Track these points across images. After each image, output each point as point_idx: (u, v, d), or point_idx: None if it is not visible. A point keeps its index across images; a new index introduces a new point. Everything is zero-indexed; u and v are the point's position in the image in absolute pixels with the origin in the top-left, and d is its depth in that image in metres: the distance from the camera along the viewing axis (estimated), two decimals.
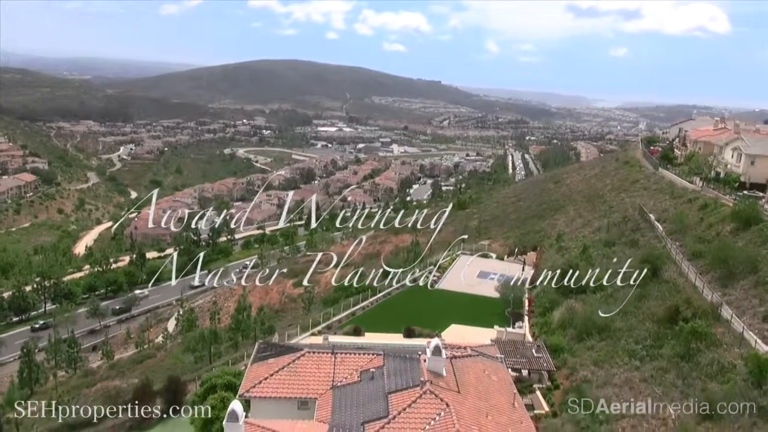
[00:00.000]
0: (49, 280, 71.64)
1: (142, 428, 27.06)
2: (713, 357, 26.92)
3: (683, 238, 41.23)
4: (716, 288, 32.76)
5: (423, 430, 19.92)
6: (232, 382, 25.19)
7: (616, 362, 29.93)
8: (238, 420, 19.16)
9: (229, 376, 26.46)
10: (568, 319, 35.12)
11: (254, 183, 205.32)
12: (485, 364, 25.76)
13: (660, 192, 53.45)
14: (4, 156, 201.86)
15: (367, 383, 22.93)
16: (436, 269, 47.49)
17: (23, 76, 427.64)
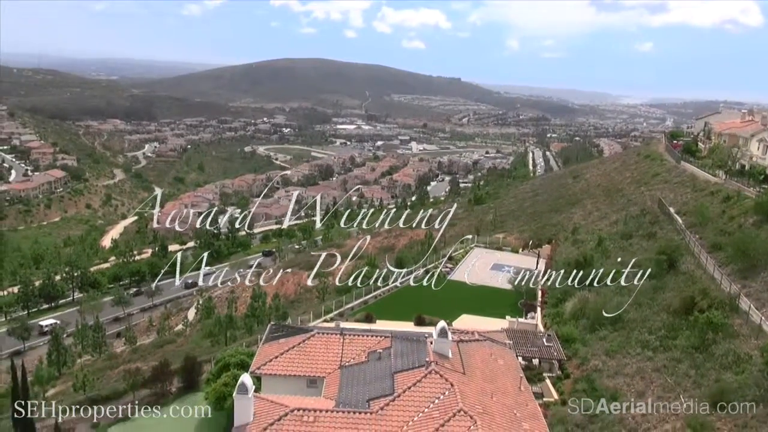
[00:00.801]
0: (77, 270, 74.49)
1: (160, 404, 28.12)
2: (729, 347, 26.41)
3: (703, 230, 40.28)
4: (736, 280, 32.00)
5: (427, 408, 20.23)
6: (245, 360, 25.95)
7: (629, 352, 29.62)
8: (247, 392, 19.85)
9: (242, 355, 27.28)
10: (581, 310, 34.82)
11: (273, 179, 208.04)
12: (492, 348, 25.90)
13: (681, 185, 52.25)
14: (36, 153, 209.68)
15: (374, 363, 23.37)
16: (448, 261, 47.52)
17: (54, 77, 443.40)
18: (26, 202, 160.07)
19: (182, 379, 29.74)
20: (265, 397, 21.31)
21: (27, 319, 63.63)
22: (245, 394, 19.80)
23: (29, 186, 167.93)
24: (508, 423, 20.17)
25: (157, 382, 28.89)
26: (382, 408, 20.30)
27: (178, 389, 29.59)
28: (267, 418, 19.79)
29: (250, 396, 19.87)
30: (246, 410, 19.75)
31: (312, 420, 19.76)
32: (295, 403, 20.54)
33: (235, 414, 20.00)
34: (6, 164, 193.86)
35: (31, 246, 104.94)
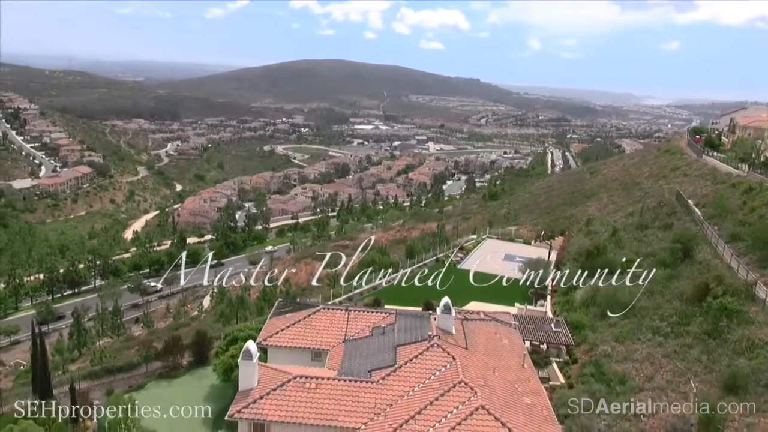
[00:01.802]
0: (99, 259, 76.86)
1: (171, 376, 28.89)
2: (743, 334, 25.72)
3: (722, 222, 39.20)
4: (754, 269, 31.10)
5: (428, 379, 20.36)
6: (254, 335, 26.44)
7: (639, 338, 29.11)
8: (252, 358, 20.31)
9: (250, 330, 27.85)
10: (591, 298, 34.33)
11: (290, 177, 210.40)
12: (497, 327, 25.85)
13: (701, 178, 50.93)
14: (65, 150, 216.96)
15: (377, 337, 23.60)
16: (460, 251, 47.43)
17: (83, 78, 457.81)
18: (54, 197, 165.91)
19: (193, 354, 30.52)
20: (269, 366, 21.77)
21: (51, 303, 65.95)
22: (250, 359, 20.26)
23: (57, 181, 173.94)
24: (508, 396, 20.14)
25: (169, 355, 29.73)
26: (383, 378, 20.53)
27: (189, 363, 30.38)
28: (271, 383, 20.22)
29: (254, 362, 20.32)
30: (250, 375, 20.21)
31: (314, 387, 20.11)
32: (298, 372, 20.93)
33: (239, 379, 20.49)
34: (36, 160, 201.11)
35: (58, 237, 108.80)
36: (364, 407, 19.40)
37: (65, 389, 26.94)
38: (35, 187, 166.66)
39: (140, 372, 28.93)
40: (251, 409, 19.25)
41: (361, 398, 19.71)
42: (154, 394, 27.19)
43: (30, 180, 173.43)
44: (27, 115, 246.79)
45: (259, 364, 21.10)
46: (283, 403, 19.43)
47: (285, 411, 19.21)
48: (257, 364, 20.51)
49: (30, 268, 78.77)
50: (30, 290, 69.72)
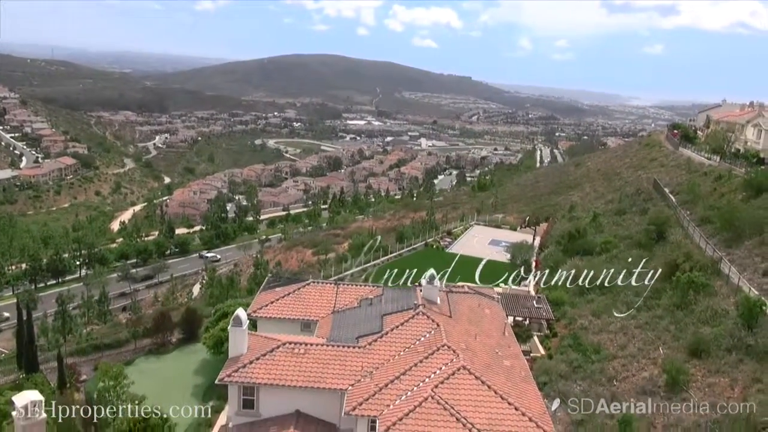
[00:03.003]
0: (85, 247, 76.22)
1: (161, 352, 29.48)
2: (708, 304, 27.32)
3: (694, 207, 41.03)
4: (721, 249, 32.77)
5: (413, 344, 21.37)
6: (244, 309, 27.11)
7: (614, 312, 30.51)
8: (242, 325, 21.09)
9: (240, 305, 28.47)
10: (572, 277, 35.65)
11: (282, 170, 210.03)
12: (480, 300, 26.98)
13: (677, 168, 52.85)
14: (47, 141, 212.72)
15: (365, 308, 24.55)
16: (448, 236, 48.56)
17: (67, 68, 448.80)
18: (36, 188, 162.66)
19: (182, 331, 31.12)
20: (259, 334, 22.61)
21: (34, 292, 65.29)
22: (240, 326, 21.04)
23: (39, 172, 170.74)
24: (489, 359, 21.25)
25: (158, 333, 30.28)
26: (369, 343, 21.49)
27: (179, 340, 31.01)
28: (260, 350, 21.04)
29: (244, 328, 21.11)
30: (240, 342, 20.99)
31: (303, 352, 20.99)
32: (287, 339, 21.77)
33: (229, 346, 21.26)
34: (17, 151, 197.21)
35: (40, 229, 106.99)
36: (351, 370, 20.33)
37: (52, 366, 27.40)
38: (15, 178, 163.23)
39: (129, 349, 29.41)
40: (241, 373, 20.04)
41: (348, 362, 20.64)
42: (143, 369, 27.73)
43: (10, 171, 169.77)
44: (7, 104, 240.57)
45: (250, 333, 21.91)
46: (273, 367, 20.27)
47: (274, 374, 20.04)
48: (247, 331, 21.30)
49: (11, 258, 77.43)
50: (11, 279, 68.74)
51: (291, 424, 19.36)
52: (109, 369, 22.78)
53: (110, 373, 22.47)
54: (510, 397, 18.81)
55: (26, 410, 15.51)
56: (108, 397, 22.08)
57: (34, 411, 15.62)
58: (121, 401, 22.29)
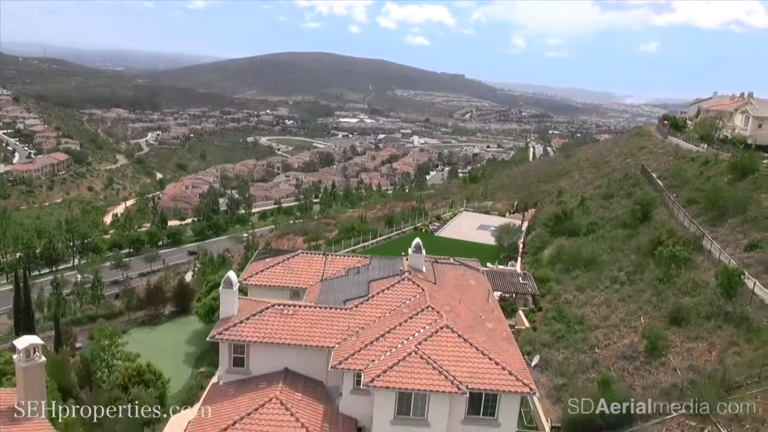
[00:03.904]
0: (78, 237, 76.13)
1: (154, 324, 29.87)
2: (689, 277, 28.03)
3: (681, 190, 41.85)
4: (706, 227, 33.56)
5: (398, 306, 21.90)
6: None
7: (598, 287, 31.30)
8: (232, 286, 21.51)
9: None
10: (557, 256, 36.44)
11: (274, 165, 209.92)
12: (466, 271, 27.55)
13: (665, 155, 53.75)
14: (40, 137, 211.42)
15: (352, 276, 25.05)
16: (437, 220, 49.14)
17: (59, 66, 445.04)
18: (29, 183, 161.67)
19: (175, 304, 31.51)
20: (249, 298, 23.04)
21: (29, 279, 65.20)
22: (230, 288, 21.46)
23: (32, 168, 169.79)
24: (472, 321, 21.81)
25: (151, 305, 30.65)
26: (356, 306, 22.00)
27: (171, 313, 31.41)
28: (250, 311, 21.47)
29: (234, 290, 21.53)
30: (231, 303, 21.41)
31: (291, 313, 21.46)
32: (276, 301, 22.23)
33: (220, 307, 21.68)
34: (9, 147, 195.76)
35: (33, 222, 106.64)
36: (338, 330, 20.83)
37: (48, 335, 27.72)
38: (8, 173, 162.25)
39: (122, 320, 29.84)
40: (231, 332, 20.48)
41: (336, 322, 21.15)
42: (137, 338, 28.13)
43: (3, 166, 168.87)
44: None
45: (240, 297, 22.34)
46: (262, 326, 20.72)
47: (263, 333, 20.50)
48: (237, 293, 21.75)
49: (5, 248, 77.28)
50: (6, 266, 68.69)
51: (279, 380, 19.82)
52: (104, 329, 23.12)
53: (105, 332, 22.82)
54: (491, 354, 19.40)
55: (27, 353, 15.92)
56: (103, 356, 22.46)
57: (34, 354, 16.04)
58: (115, 359, 22.69)
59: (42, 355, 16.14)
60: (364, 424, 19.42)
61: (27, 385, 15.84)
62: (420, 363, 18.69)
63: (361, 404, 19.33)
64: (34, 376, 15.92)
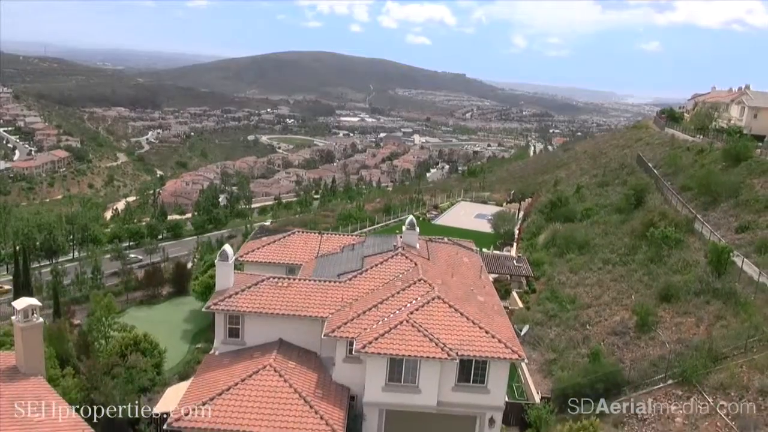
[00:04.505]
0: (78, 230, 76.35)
1: (152, 303, 30.28)
2: (680, 257, 28.36)
3: (675, 177, 42.16)
4: (699, 211, 33.86)
5: (391, 279, 22.28)
6: None
7: (591, 268, 31.63)
8: (227, 259, 21.90)
9: None
10: (552, 240, 36.78)
11: (274, 162, 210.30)
12: (460, 250, 27.94)
13: (661, 145, 54.06)
14: (40, 134, 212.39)
15: (347, 252, 25.44)
16: (434, 209, 49.48)
17: (60, 65, 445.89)
18: (29, 180, 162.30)
19: (173, 285, 31.92)
20: (245, 273, 23.43)
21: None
22: (226, 261, 21.85)
23: (32, 164, 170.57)
24: (464, 294, 22.19)
25: (150, 286, 31.05)
26: (350, 279, 22.40)
27: (169, 293, 31.81)
28: (246, 283, 21.86)
29: (230, 262, 21.92)
30: (226, 275, 21.79)
31: (286, 285, 21.86)
32: (272, 275, 22.60)
33: (216, 280, 22.07)
34: (10, 144, 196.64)
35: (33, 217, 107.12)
36: (332, 301, 21.22)
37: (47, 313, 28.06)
38: (8, 169, 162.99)
39: (120, 300, 30.18)
40: (227, 302, 20.87)
41: (329, 294, 21.54)
42: (135, 317, 28.49)
43: (3, 163, 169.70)
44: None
45: (236, 272, 22.73)
46: (257, 297, 21.11)
47: (258, 303, 20.89)
48: (233, 266, 22.13)
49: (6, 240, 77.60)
50: (6, 257, 68.96)
51: (274, 350, 20.20)
52: (101, 299, 23.48)
53: (102, 303, 23.21)
54: (481, 323, 19.77)
55: (25, 313, 16.30)
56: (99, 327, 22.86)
57: (32, 315, 16.42)
58: (112, 330, 23.07)
59: (40, 317, 16.51)
60: (356, 392, 19.82)
61: (25, 346, 16.23)
62: (411, 331, 19.07)
63: (353, 372, 19.72)
64: (32, 337, 16.30)
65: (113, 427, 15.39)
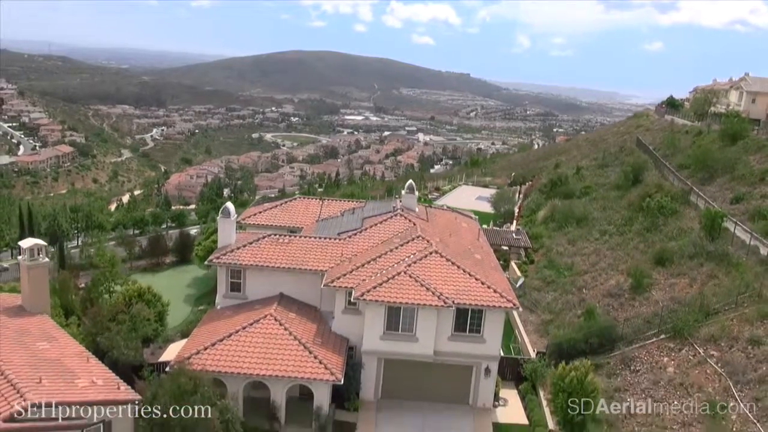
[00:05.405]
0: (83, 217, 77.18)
1: (155, 271, 30.89)
2: (675, 225, 28.72)
3: (674, 158, 42.43)
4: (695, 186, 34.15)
5: (389, 238, 22.77)
6: None
7: (588, 239, 32.01)
8: (230, 216, 22.46)
9: None
10: (551, 216, 37.16)
11: (279, 157, 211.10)
12: (458, 216, 28.42)
13: (661, 130, 54.33)
14: (45, 130, 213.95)
15: (347, 216, 25.95)
16: (435, 191, 49.91)
17: (65, 63, 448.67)
18: (34, 174, 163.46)
19: (176, 255, 32.52)
20: (246, 232, 23.97)
21: None
22: (228, 217, 22.42)
23: (37, 159, 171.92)
24: (461, 252, 22.64)
25: (153, 255, 31.65)
26: (349, 237, 22.90)
27: (172, 262, 32.41)
28: (248, 240, 22.41)
29: (232, 219, 22.48)
30: (228, 232, 22.35)
31: (287, 242, 22.39)
32: (272, 233, 23.12)
33: (218, 236, 22.63)
34: (14, 140, 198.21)
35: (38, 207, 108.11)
36: (332, 256, 21.74)
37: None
38: (13, 164, 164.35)
39: (124, 267, 30.74)
40: (229, 256, 21.42)
41: (329, 250, 22.06)
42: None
43: (8, 157, 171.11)
44: (4, 95, 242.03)
45: (238, 232, 23.27)
46: (258, 252, 21.66)
47: (259, 257, 21.43)
48: (235, 223, 22.68)
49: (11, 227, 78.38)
50: (10, 242, 69.71)
51: (274, 302, 20.72)
52: (105, 253, 24.04)
53: (105, 257, 23.78)
54: (477, 275, 20.22)
55: (31, 252, 16.88)
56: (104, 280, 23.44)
57: (38, 254, 17.01)
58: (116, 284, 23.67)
59: (46, 257, 17.07)
60: (355, 343, 20.32)
61: (31, 285, 16.79)
62: (409, 281, 19.57)
63: (352, 323, 20.23)
64: (38, 276, 16.86)
65: (117, 372, 15.87)
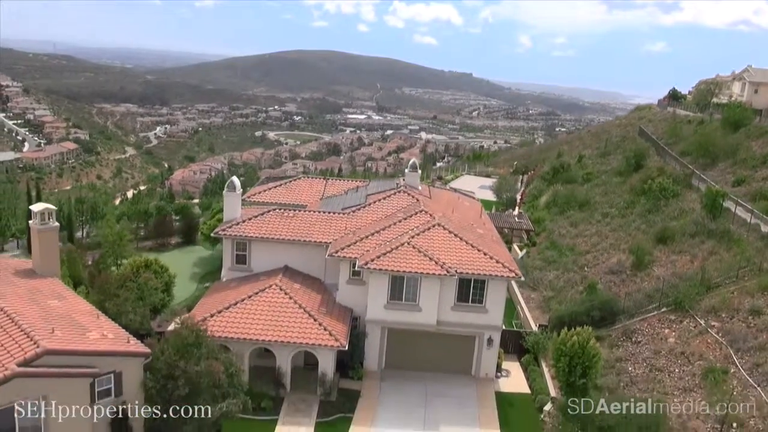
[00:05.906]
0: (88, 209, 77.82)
1: (161, 251, 31.25)
2: (677, 206, 28.89)
3: (676, 146, 42.53)
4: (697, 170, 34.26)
5: (392, 212, 23.04)
6: None
7: (590, 222, 32.19)
8: (235, 189, 22.76)
9: None
10: (553, 201, 37.35)
11: (282, 154, 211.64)
12: (461, 195, 28.65)
13: (663, 121, 54.35)
14: (49, 127, 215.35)
15: (351, 194, 26.22)
16: (438, 180, 50.13)
17: (69, 62, 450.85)
18: (38, 170, 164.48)
19: (182, 236, 32.89)
20: (251, 207, 24.28)
21: None
22: (233, 191, 22.72)
23: (42, 155, 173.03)
24: (464, 226, 22.87)
25: (159, 236, 32.01)
26: (353, 211, 23.18)
27: (178, 243, 32.78)
28: (253, 213, 22.71)
29: (237, 193, 22.78)
30: (234, 206, 22.66)
31: (291, 215, 22.69)
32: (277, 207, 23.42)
33: (224, 210, 22.93)
34: (19, 137, 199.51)
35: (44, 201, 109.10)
36: (336, 229, 22.02)
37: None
38: (18, 160, 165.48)
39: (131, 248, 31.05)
40: (234, 229, 21.73)
41: (333, 224, 22.34)
42: None
43: (12, 153, 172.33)
44: (9, 93, 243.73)
45: (243, 207, 23.57)
46: (263, 225, 21.96)
47: (265, 230, 21.73)
48: (240, 196, 22.98)
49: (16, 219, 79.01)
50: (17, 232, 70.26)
51: (279, 273, 21.01)
52: (113, 225, 24.39)
53: (114, 229, 24.12)
54: (480, 246, 20.46)
55: (42, 216, 17.21)
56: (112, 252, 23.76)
57: (48, 218, 17.34)
58: (123, 257, 23.97)
59: (56, 221, 17.40)
60: (359, 313, 20.59)
61: (42, 248, 17.12)
62: (412, 252, 19.83)
63: (356, 294, 20.50)
64: (48, 239, 17.20)
65: None
